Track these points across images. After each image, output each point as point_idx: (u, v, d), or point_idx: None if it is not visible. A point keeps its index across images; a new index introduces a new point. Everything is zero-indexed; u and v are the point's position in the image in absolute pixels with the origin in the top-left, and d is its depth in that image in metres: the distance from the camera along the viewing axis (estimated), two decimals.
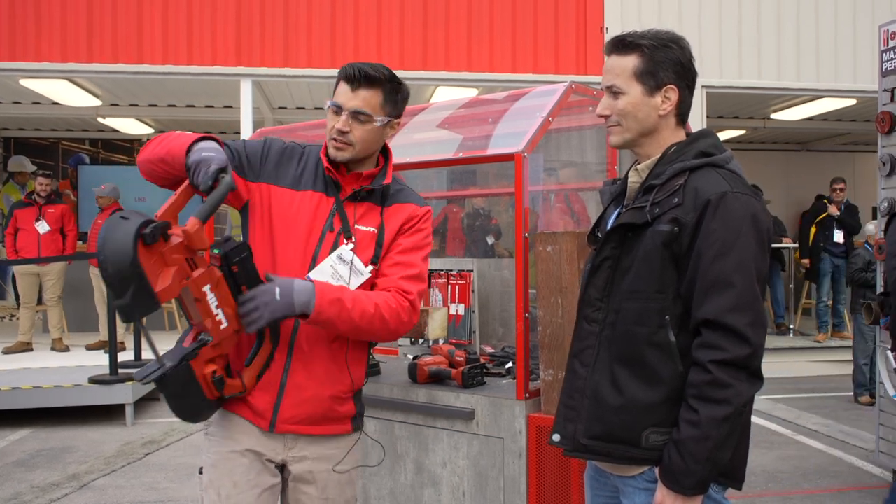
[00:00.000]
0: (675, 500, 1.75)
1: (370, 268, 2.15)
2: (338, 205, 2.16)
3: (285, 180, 2.17)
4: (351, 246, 2.14)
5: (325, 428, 2.18)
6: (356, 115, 2.11)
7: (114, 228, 1.82)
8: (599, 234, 2.00)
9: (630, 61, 1.87)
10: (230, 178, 1.95)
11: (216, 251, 1.97)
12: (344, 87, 2.14)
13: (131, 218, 1.84)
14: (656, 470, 1.82)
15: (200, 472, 2.22)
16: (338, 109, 2.13)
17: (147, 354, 7.71)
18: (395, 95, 2.17)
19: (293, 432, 2.15)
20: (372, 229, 2.18)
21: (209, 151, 1.95)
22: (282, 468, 2.21)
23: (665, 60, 1.86)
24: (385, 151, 2.29)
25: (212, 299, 1.96)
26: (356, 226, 2.17)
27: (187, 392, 1.97)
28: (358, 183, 2.19)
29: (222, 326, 1.98)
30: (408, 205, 2.24)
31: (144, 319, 1.92)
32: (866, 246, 7.25)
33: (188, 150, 1.96)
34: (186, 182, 1.96)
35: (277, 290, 1.97)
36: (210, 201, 1.92)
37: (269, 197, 2.15)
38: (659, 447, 1.79)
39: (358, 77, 2.11)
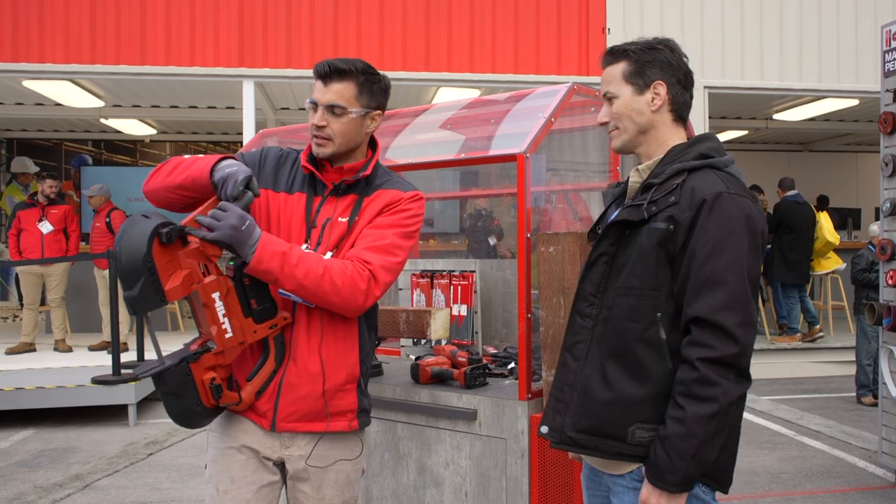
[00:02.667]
0: (659, 498, 1.77)
1: (329, 255, 2.14)
2: (308, 202, 2.20)
3: (281, 185, 2.23)
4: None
5: (326, 424, 2.18)
6: (331, 108, 2.15)
7: (133, 224, 1.92)
8: (599, 232, 2.02)
9: (619, 67, 1.94)
10: (255, 189, 2.04)
11: (231, 263, 2.04)
12: (318, 84, 2.17)
13: (152, 217, 1.94)
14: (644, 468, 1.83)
15: (206, 468, 2.25)
16: (314, 106, 2.17)
17: (149, 355, 7.73)
18: (371, 86, 2.19)
19: (293, 430, 2.17)
20: (346, 219, 2.19)
21: (233, 167, 2.05)
22: (282, 466, 2.22)
23: (651, 60, 1.92)
24: (373, 143, 2.31)
25: (220, 307, 2.01)
26: (338, 219, 2.19)
27: (183, 392, 2.01)
28: (339, 177, 2.21)
29: (227, 336, 2.03)
30: (390, 191, 2.23)
31: (149, 315, 1.99)
32: (869, 247, 7.24)
33: (212, 170, 2.05)
34: (214, 197, 2.05)
35: (247, 223, 1.96)
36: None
37: (267, 202, 2.21)
38: (645, 444, 1.81)
39: (328, 71, 2.15)
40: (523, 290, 2.89)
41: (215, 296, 2.00)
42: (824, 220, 9.52)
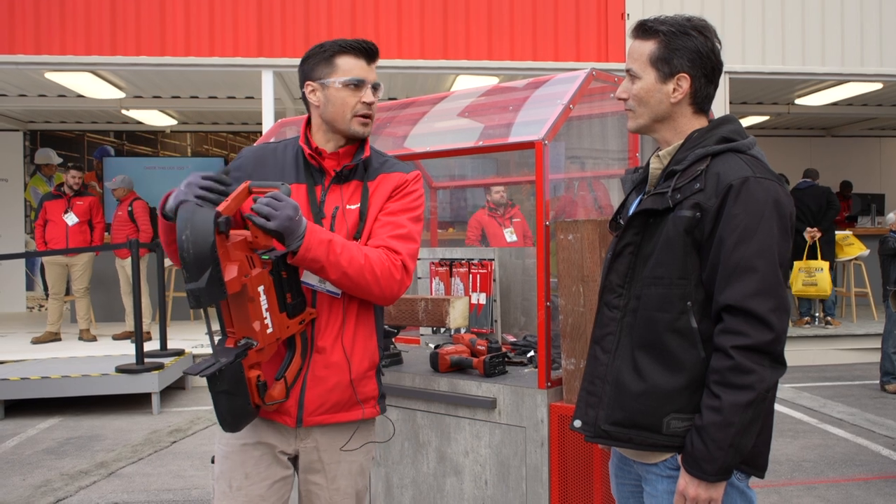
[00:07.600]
0: (697, 487, 1.75)
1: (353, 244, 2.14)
2: (311, 192, 2.18)
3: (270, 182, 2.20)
4: None
5: (352, 413, 2.18)
6: (376, 87, 2.21)
7: (195, 213, 1.84)
8: (621, 221, 2.00)
9: (648, 47, 1.89)
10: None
11: (266, 257, 2.00)
12: (357, 62, 2.18)
13: (205, 206, 1.88)
14: (679, 457, 1.82)
15: (213, 462, 2.23)
16: (359, 85, 2.17)
17: (172, 344, 7.81)
18: None
19: (321, 423, 2.15)
20: (357, 206, 2.19)
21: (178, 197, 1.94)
22: (295, 459, 2.22)
23: (681, 48, 1.86)
24: None
25: (263, 302, 1.96)
26: (347, 206, 2.18)
27: (238, 390, 1.95)
28: (339, 163, 2.21)
29: (268, 331, 1.98)
30: (394, 174, 2.25)
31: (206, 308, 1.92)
32: (892, 234, 7.19)
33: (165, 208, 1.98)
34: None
35: (299, 213, 1.96)
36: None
37: None
38: (680, 434, 1.80)
39: (374, 52, 2.20)
40: (542, 279, 2.89)
41: (260, 289, 1.96)
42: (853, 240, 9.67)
